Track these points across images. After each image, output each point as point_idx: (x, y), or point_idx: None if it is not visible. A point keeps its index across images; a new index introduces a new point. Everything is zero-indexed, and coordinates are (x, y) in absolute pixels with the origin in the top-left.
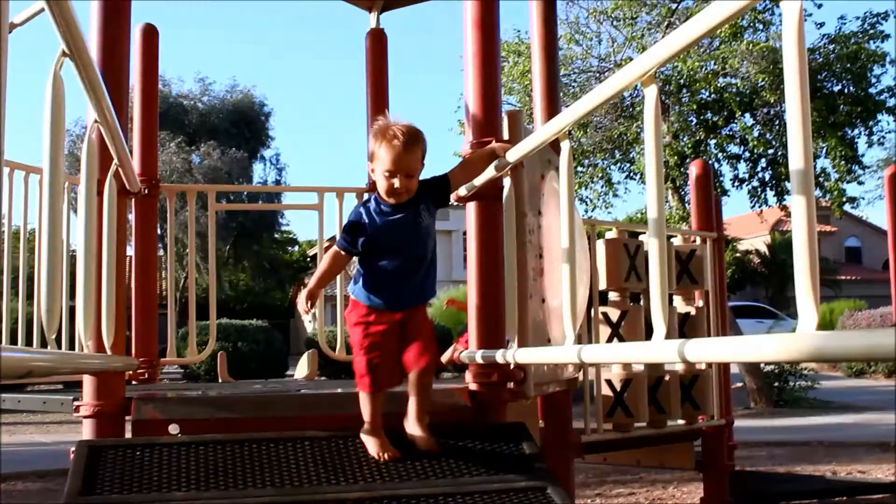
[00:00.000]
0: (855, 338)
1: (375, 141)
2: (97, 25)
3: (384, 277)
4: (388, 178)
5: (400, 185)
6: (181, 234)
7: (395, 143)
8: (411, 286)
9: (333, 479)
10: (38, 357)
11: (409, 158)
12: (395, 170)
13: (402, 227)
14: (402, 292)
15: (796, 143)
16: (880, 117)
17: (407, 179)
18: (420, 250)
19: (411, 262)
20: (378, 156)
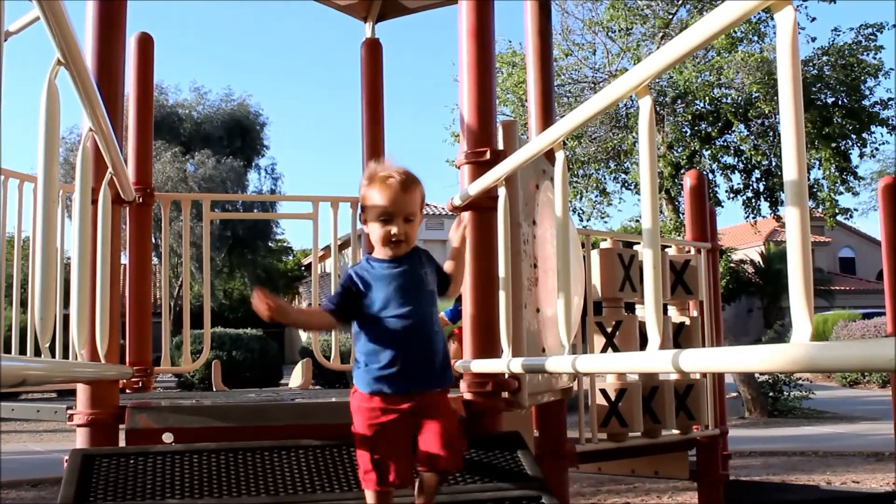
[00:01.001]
0: (849, 348)
1: (367, 185)
2: (92, 34)
3: (386, 347)
4: (385, 225)
5: (399, 231)
6: (175, 242)
7: (390, 182)
8: (421, 359)
9: (328, 487)
10: (31, 365)
11: (408, 199)
12: (393, 212)
13: (403, 278)
14: (411, 368)
15: (790, 154)
16: (874, 129)
17: (406, 225)
18: (427, 307)
19: (418, 323)
20: (371, 200)
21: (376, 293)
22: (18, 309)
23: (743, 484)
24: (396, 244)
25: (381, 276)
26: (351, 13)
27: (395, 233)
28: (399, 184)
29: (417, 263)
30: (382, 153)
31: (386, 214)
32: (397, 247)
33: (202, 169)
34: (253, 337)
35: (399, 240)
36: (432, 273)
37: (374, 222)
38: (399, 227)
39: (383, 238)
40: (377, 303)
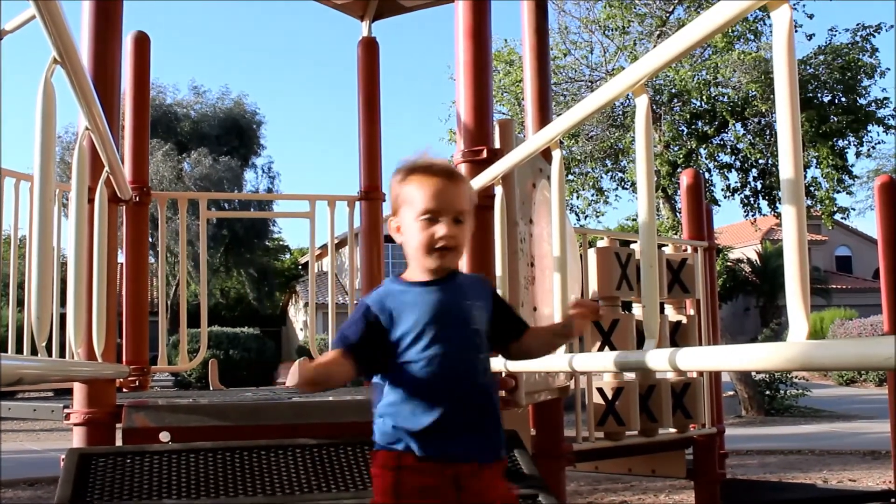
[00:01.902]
0: (845, 347)
1: (403, 180)
2: (89, 32)
3: (418, 399)
4: (429, 225)
5: (448, 232)
6: (172, 241)
7: (434, 172)
8: (469, 414)
9: (325, 487)
10: (28, 364)
11: (458, 193)
12: (440, 208)
13: (447, 305)
14: (455, 423)
15: (787, 152)
16: (870, 128)
17: (456, 227)
18: (473, 351)
19: (462, 370)
20: (408, 197)
21: (406, 324)
22: (15, 308)
23: (740, 483)
24: (444, 253)
25: (415, 303)
26: (347, 12)
27: (444, 234)
28: (445, 174)
29: (463, 290)
30: (379, 152)
31: (430, 212)
32: (445, 257)
33: (198, 167)
34: (250, 336)
35: (448, 246)
36: (484, 308)
37: (414, 225)
38: (448, 227)
39: (426, 244)
40: (408, 337)
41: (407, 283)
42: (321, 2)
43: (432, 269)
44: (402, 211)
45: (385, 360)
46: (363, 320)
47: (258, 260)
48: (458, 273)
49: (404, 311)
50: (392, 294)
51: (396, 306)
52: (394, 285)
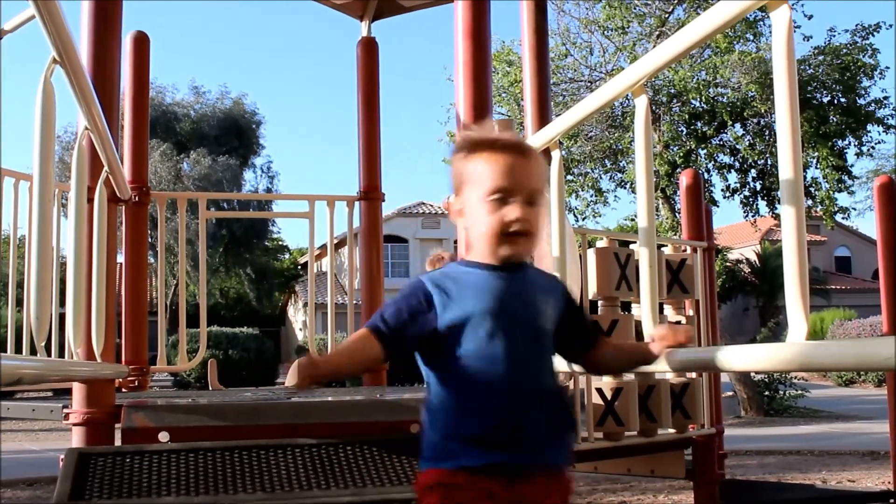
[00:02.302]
0: (845, 347)
1: (467, 155)
2: (88, 32)
3: (481, 397)
4: (498, 207)
5: (521, 215)
6: (172, 241)
7: (504, 147)
8: (534, 421)
9: (324, 484)
10: (27, 364)
11: (532, 170)
12: (512, 187)
13: (517, 296)
14: (519, 431)
15: (786, 153)
16: (870, 128)
17: (530, 209)
18: (544, 346)
19: (531, 363)
20: (473, 176)
21: (465, 307)
22: (14, 308)
23: (739, 483)
24: (516, 238)
25: (479, 286)
26: (347, 12)
27: (516, 217)
28: (516, 149)
29: (534, 283)
30: (378, 152)
31: (500, 192)
32: (517, 243)
33: (197, 167)
34: (249, 336)
35: (520, 231)
36: (555, 306)
37: (480, 207)
38: (521, 209)
39: (495, 229)
40: (466, 324)
41: (473, 264)
42: (321, 2)
43: (502, 257)
44: (466, 191)
45: (435, 350)
46: (412, 299)
47: (257, 260)
48: (528, 265)
49: (465, 292)
50: (453, 273)
51: (456, 286)
52: (459, 266)
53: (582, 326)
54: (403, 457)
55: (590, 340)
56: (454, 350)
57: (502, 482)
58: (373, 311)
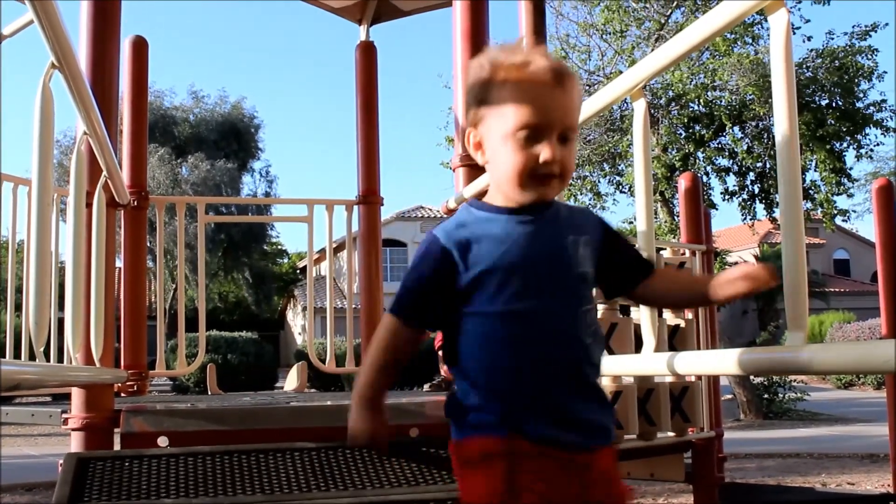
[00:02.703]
0: (843, 350)
1: (490, 79)
2: (87, 37)
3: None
4: (527, 144)
5: (554, 155)
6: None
7: (535, 70)
8: (573, 388)
9: (323, 487)
10: (26, 370)
11: (567, 101)
12: (545, 122)
13: (545, 243)
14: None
15: (785, 156)
16: (868, 131)
17: (564, 147)
18: (581, 299)
19: (567, 322)
20: (497, 106)
21: (488, 261)
22: (13, 313)
23: (738, 486)
24: (546, 181)
25: (503, 236)
26: (345, 16)
27: (549, 157)
28: (552, 74)
29: (565, 223)
30: (377, 155)
31: (530, 126)
32: (548, 186)
33: (195, 171)
34: (248, 340)
35: (551, 172)
36: (592, 244)
37: (505, 143)
38: (555, 148)
39: (523, 170)
40: (490, 281)
41: (493, 208)
42: (319, 6)
43: (528, 201)
44: (488, 123)
45: (459, 310)
46: (429, 263)
47: (256, 264)
48: (555, 202)
49: (487, 244)
50: (471, 222)
51: (476, 237)
52: (475, 211)
53: (630, 256)
54: (403, 460)
55: (642, 269)
56: (475, 309)
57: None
58: (372, 314)
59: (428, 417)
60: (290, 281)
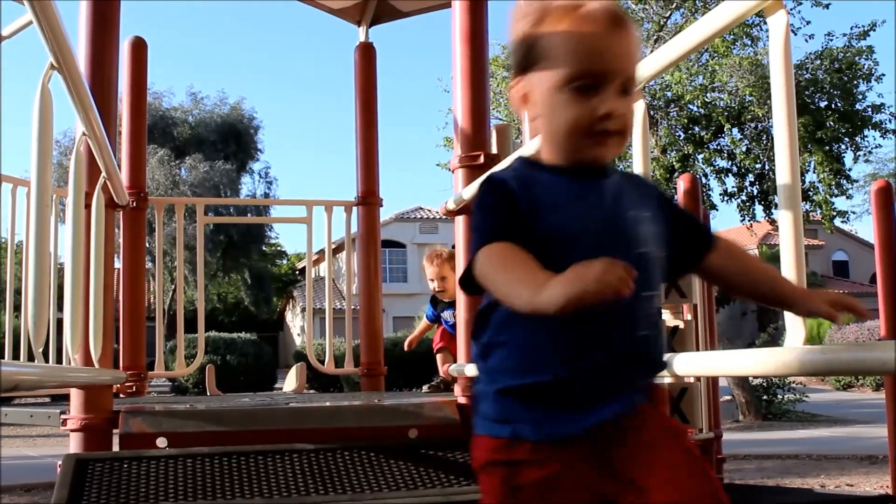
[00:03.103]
0: (842, 352)
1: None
2: (86, 38)
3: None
4: (583, 96)
5: (614, 108)
6: (169, 246)
7: (590, 14)
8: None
9: (322, 489)
10: (25, 370)
11: (626, 47)
12: (602, 71)
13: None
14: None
15: (784, 157)
16: (867, 133)
17: (625, 100)
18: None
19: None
20: (547, 52)
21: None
22: (12, 313)
23: (737, 487)
24: (604, 139)
25: (560, 200)
26: (345, 17)
27: (610, 111)
28: (609, 16)
29: (624, 194)
30: (376, 157)
31: (586, 77)
32: (606, 144)
33: (193, 172)
34: (247, 341)
35: (611, 129)
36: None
37: (557, 95)
38: (614, 100)
39: (579, 125)
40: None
41: (548, 167)
42: (318, 7)
43: (583, 161)
44: (536, 73)
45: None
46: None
47: (255, 265)
48: (609, 168)
49: (545, 203)
50: (526, 177)
51: (533, 195)
52: (529, 170)
53: (690, 226)
54: (402, 462)
55: (704, 241)
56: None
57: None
58: (371, 315)
59: (427, 419)
60: (289, 282)
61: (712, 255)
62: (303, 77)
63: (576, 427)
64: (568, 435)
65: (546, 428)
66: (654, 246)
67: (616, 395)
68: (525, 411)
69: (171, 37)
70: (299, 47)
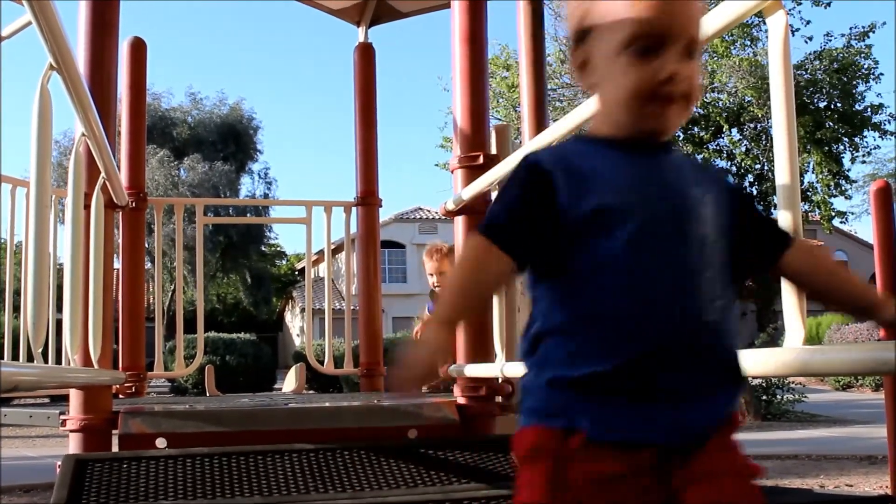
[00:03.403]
0: (841, 352)
1: None
2: (85, 38)
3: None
4: (643, 59)
5: (677, 70)
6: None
7: None
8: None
9: (322, 488)
10: (24, 371)
11: (689, 9)
12: (663, 32)
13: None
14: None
15: (783, 158)
16: (866, 133)
17: (690, 63)
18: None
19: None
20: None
21: (592, 201)
22: (11, 314)
23: None
24: (667, 104)
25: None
26: (344, 17)
27: (673, 73)
28: None
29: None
30: (375, 157)
31: (647, 37)
32: (669, 110)
33: (192, 173)
34: (246, 342)
35: (674, 92)
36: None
37: (616, 60)
38: (677, 62)
39: (639, 90)
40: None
41: (599, 140)
42: (318, 7)
43: (643, 131)
44: (594, 37)
45: (552, 254)
46: (527, 184)
47: (254, 265)
48: (672, 146)
49: (593, 181)
50: (574, 153)
51: (580, 169)
52: (576, 143)
53: (766, 223)
54: (401, 462)
55: (780, 240)
56: (580, 257)
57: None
58: (370, 315)
59: (426, 419)
60: (289, 282)
61: (790, 254)
62: (302, 77)
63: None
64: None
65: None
66: (717, 232)
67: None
68: (584, 402)
69: (171, 37)
70: (299, 47)
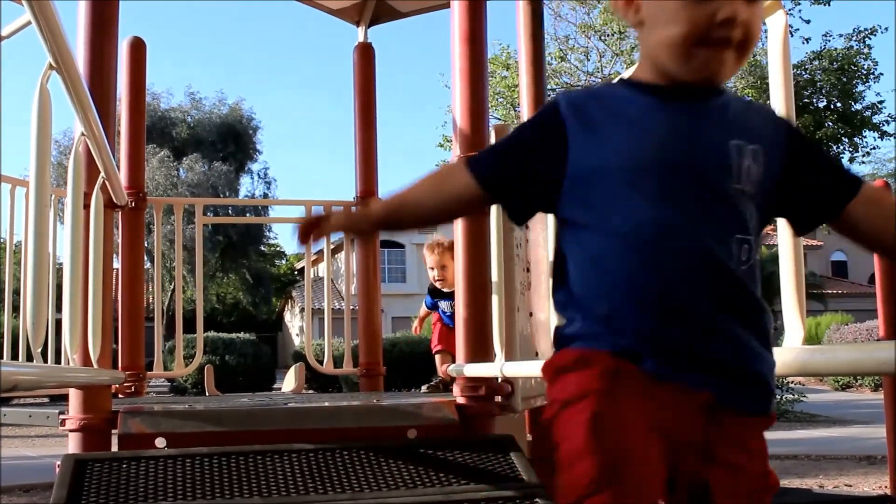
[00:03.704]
0: (841, 352)
1: None
2: (84, 38)
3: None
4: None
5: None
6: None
7: None
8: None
9: (321, 489)
10: (23, 370)
11: None
12: None
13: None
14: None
15: None
16: (865, 133)
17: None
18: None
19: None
20: None
21: (609, 151)
22: (11, 314)
23: None
24: (721, 50)
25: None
26: (344, 17)
27: (730, 16)
28: None
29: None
30: (375, 157)
31: None
32: (721, 56)
33: (190, 173)
34: (246, 341)
35: (731, 38)
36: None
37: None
38: (736, 6)
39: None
40: (608, 179)
41: (636, 84)
42: (317, 7)
43: (693, 77)
44: None
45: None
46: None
47: (254, 265)
48: (726, 90)
49: (618, 130)
50: (606, 96)
51: (606, 114)
52: (614, 88)
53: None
54: (401, 462)
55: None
56: (589, 223)
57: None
58: (370, 315)
59: (426, 419)
60: (288, 282)
61: (855, 203)
62: (302, 77)
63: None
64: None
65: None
66: (756, 184)
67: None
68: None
69: (171, 37)
70: (299, 47)
